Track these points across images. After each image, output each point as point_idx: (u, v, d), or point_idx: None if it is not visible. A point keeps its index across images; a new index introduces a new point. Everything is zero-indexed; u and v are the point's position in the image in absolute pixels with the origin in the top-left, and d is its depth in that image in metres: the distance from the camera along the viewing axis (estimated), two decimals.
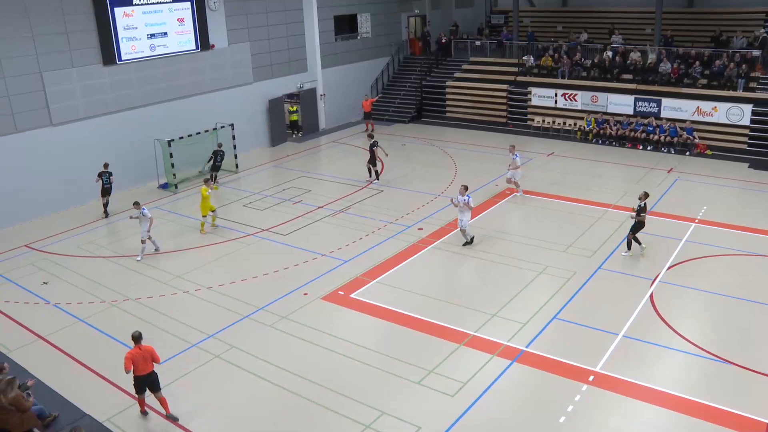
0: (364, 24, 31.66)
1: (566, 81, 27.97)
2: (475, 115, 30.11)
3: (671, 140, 24.55)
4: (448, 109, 31.13)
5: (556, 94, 27.83)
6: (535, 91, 28.42)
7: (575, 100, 27.33)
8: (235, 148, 24.05)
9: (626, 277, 14.82)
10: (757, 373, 11.18)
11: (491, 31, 35.57)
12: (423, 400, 10.82)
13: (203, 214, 18.20)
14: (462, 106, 30.69)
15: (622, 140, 25.68)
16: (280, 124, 27.98)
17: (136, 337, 10.40)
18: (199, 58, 24.23)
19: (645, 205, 15.67)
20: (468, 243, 16.66)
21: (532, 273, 15.14)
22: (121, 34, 21.57)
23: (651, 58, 26.69)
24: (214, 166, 22.31)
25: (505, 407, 10.66)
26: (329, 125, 30.40)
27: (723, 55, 25.36)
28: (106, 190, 19.89)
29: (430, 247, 16.87)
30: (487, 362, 11.78)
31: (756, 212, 18.37)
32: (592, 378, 11.20)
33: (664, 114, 25.22)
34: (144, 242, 16.72)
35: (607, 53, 27.72)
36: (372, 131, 27.65)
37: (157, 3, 22.59)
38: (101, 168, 19.78)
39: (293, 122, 29.29)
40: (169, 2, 22.98)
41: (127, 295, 14.91)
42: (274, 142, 27.67)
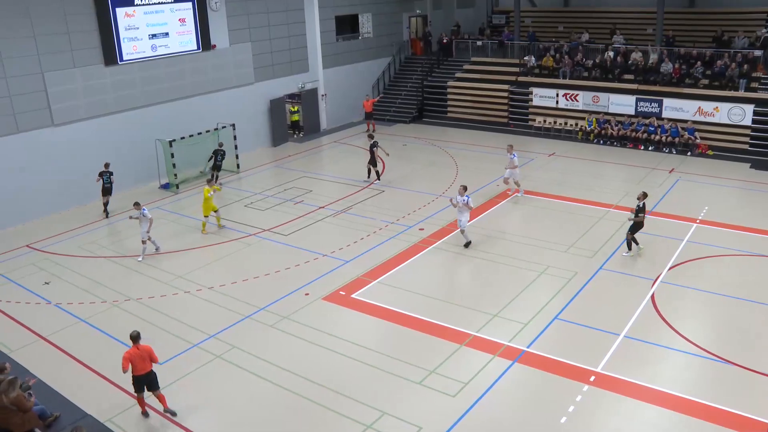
0: (366, 24, 31.67)
1: (567, 81, 27.96)
2: (476, 116, 30.10)
3: (673, 140, 24.53)
4: (450, 109, 31.12)
5: (558, 95, 27.81)
6: (536, 91, 28.41)
7: (576, 101, 27.32)
8: (236, 148, 24.09)
9: (627, 278, 14.81)
10: (758, 373, 11.17)
11: (492, 32, 35.54)
12: (424, 401, 10.83)
13: (205, 215, 18.21)
14: (463, 107, 30.68)
15: (623, 140, 25.66)
16: (281, 125, 27.99)
17: (134, 337, 10.42)
18: (201, 59, 24.25)
19: (644, 205, 15.66)
20: (468, 244, 16.64)
21: (533, 273, 15.13)
22: (123, 35, 21.59)
23: (652, 58, 26.66)
24: (215, 166, 22.31)
25: (506, 407, 10.66)
26: (330, 125, 30.41)
27: (724, 55, 25.33)
28: (107, 190, 19.93)
29: (431, 247, 16.87)
30: (488, 362, 11.78)
31: (757, 212, 18.35)
32: (593, 378, 11.20)
33: (666, 114, 25.20)
34: (145, 243, 16.74)
35: (609, 53, 27.70)
36: (373, 131, 27.69)
37: (159, 3, 22.61)
38: (102, 168, 19.84)
39: (294, 122, 29.30)
40: (171, 2, 23.00)
41: (129, 295, 14.92)
42: (275, 143, 27.69)
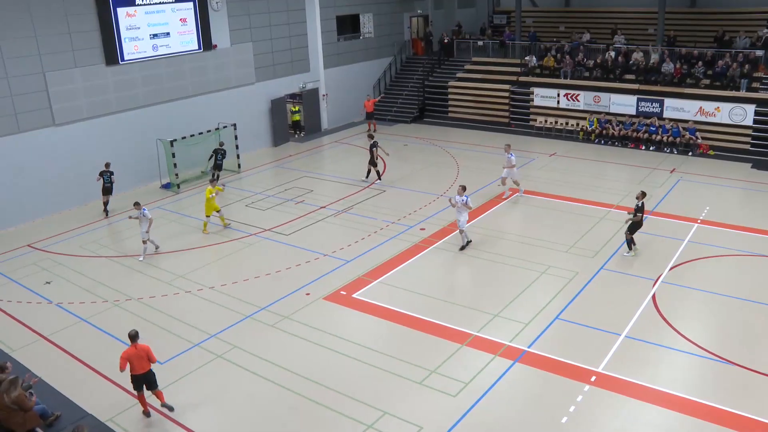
0: (367, 24, 31.67)
1: (569, 81, 27.94)
2: (477, 116, 30.09)
3: (674, 140, 24.51)
4: (451, 109, 31.11)
5: (559, 95, 27.80)
6: (537, 91, 28.40)
7: (578, 101, 27.30)
8: (237, 148, 24.11)
9: (628, 278, 14.80)
10: (760, 373, 11.15)
11: (494, 31, 35.53)
12: (425, 401, 10.82)
13: (207, 215, 18.23)
14: (464, 107, 30.67)
15: (624, 140, 25.64)
16: (282, 124, 27.99)
17: (133, 336, 10.43)
18: (202, 58, 24.25)
19: (643, 204, 15.66)
20: (464, 246, 16.52)
21: (534, 273, 15.12)
22: (124, 34, 21.60)
23: (654, 58, 26.64)
24: (216, 165, 22.35)
25: (507, 407, 10.66)
26: (331, 125, 30.41)
27: (726, 55, 25.31)
28: (107, 189, 19.96)
29: (432, 247, 16.86)
30: (489, 362, 11.78)
31: (759, 212, 18.33)
32: (594, 378, 11.19)
33: (667, 114, 25.19)
34: (145, 243, 16.75)
35: (610, 53, 27.69)
36: (374, 131, 27.70)
37: (160, 3, 22.61)
38: (103, 168, 19.88)
39: (296, 122, 29.30)
40: (172, 2, 23.00)
41: (130, 295, 14.93)
42: (276, 142, 27.69)
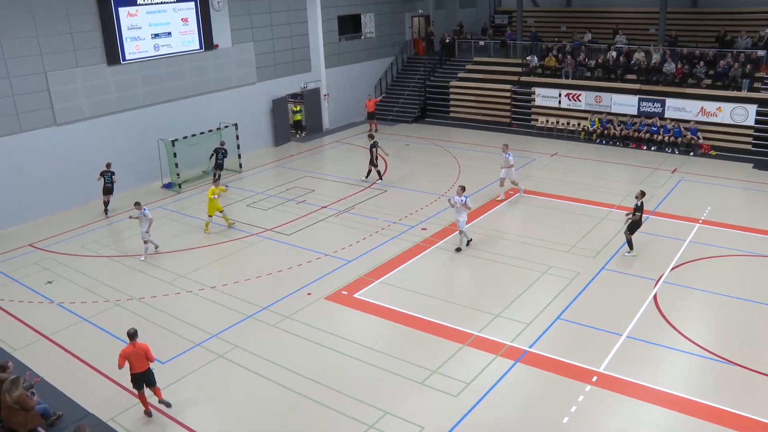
0: (368, 24, 31.66)
1: (570, 81, 27.92)
2: (478, 115, 30.08)
3: (675, 140, 24.49)
4: (452, 109, 31.10)
5: (560, 95, 27.78)
6: (538, 91, 28.38)
7: (579, 101, 27.29)
8: (238, 147, 24.12)
9: (630, 278, 14.79)
10: (762, 374, 11.14)
11: (495, 31, 35.51)
12: (426, 401, 10.82)
13: (209, 214, 18.26)
14: (466, 106, 30.66)
15: (625, 140, 25.62)
16: (283, 124, 27.99)
17: (132, 334, 10.47)
18: (203, 58, 24.26)
19: (642, 204, 15.66)
20: (460, 248, 16.50)
21: (535, 273, 15.12)
22: (125, 34, 21.62)
23: (655, 58, 26.62)
24: (217, 165, 22.37)
25: (508, 408, 10.65)
26: (333, 125, 30.41)
27: (727, 55, 25.29)
28: (108, 189, 19.99)
29: (433, 247, 16.86)
30: (490, 362, 11.78)
31: (760, 213, 18.31)
32: (595, 379, 11.19)
33: (668, 114, 25.17)
34: (147, 243, 16.77)
35: (611, 53, 27.67)
36: (375, 131, 27.72)
37: (161, 3, 22.62)
38: (104, 168, 19.90)
39: (297, 122, 29.33)
40: (173, 2, 23.01)
41: (131, 295, 14.94)
42: (277, 142, 27.69)
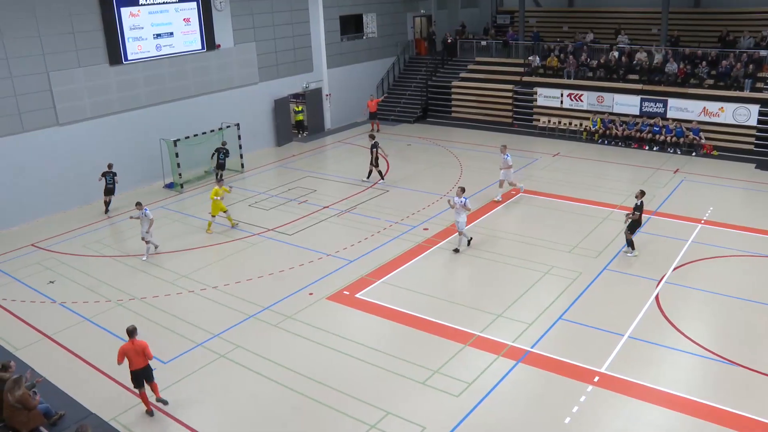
0: (370, 24, 31.67)
1: (572, 81, 27.90)
2: (480, 116, 30.08)
3: (677, 141, 24.46)
4: (454, 109, 31.09)
5: (562, 95, 27.76)
6: (540, 91, 28.37)
7: (581, 101, 27.27)
8: (240, 147, 24.13)
9: (632, 278, 14.78)
10: (763, 374, 11.13)
11: (497, 31, 35.50)
12: (428, 401, 10.83)
13: (213, 214, 18.31)
14: (467, 106, 30.66)
15: (628, 141, 25.60)
16: (285, 124, 28.01)
17: (130, 331, 10.53)
18: (205, 58, 24.28)
19: (642, 203, 15.65)
20: (457, 250, 16.42)
21: (537, 273, 15.11)
22: (128, 34, 21.64)
23: (657, 58, 26.60)
24: (218, 164, 22.40)
25: (510, 408, 10.65)
26: (335, 125, 30.42)
27: (730, 56, 25.26)
28: (109, 190, 20.04)
29: (435, 247, 16.86)
30: (492, 363, 11.77)
31: (762, 213, 18.28)
32: (597, 379, 11.18)
33: (671, 114, 25.14)
34: (148, 242, 16.79)
35: (613, 53, 27.65)
36: (377, 131, 27.72)
37: (163, 3, 22.65)
38: (105, 168, 19.93)
39: (299, 122, 29.34)
40: (175, 2, 23.03)
41: (133, 295, 14.96)
42: (279, 142, 27.71)
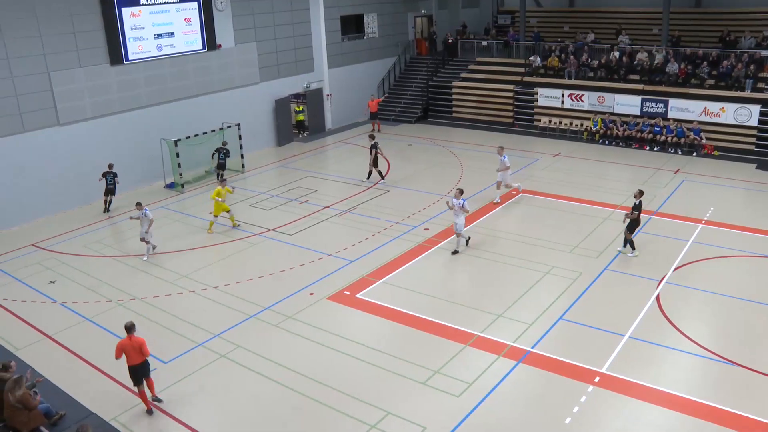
0: (371, 24, 31.68)
1: (573, 81, 27.90)
2: (481, 116, 30.07)
3: (678, 141, 24.45)
4: (455, 109, 31.09)
5: (563, 95, 27.75)
6: (541, 91, 28.36)
7: (582, 101, 27.25)
8: (241, 147, 24.14)
9: (632, 278, 14.77)
10: (763, 374, 11.12)
11: (498, 32, 35.49)
12: (428, 401, 10.82)
13: (215, 214, 18.34)
14: (468, 107, 30.65)
15: (628, 141, 25.58)
16: (286, 124, 28.01)
17: (128, 328, 10.54)
18: (206, 58, 24.29)
19: (640, 203, 15.65)
20: (456, 252, 16.40)
21: (537, 274, 15.11)
22: (129, 34, 21.66)
23: (658, 58, 26.58)
24: (219, 164, 22.41)
25: (510, 408, 10.65)
26: (335, 125, 30.42)
27: (731, 56, 25.25)
28: (110, 190, 20.07)
29: (436, 247, 16.85)
30: (492, 363, 11.77)
31: (763, 213, 18.26)
32: (597, 379, 11.18)
33: (671, 114, 25.12)
34: (148, 242, 16.80)
35: (614, 53, 27.63)
36: (378, 131, 27.71)
37: (164, 3, 22.66)
38: (106, 168, 19.96)
39: (299, 122, 29.34)
40: (176, 2, 23.04)
41: (134, 295, 14.96)
42: (280, 142, 27.71)
